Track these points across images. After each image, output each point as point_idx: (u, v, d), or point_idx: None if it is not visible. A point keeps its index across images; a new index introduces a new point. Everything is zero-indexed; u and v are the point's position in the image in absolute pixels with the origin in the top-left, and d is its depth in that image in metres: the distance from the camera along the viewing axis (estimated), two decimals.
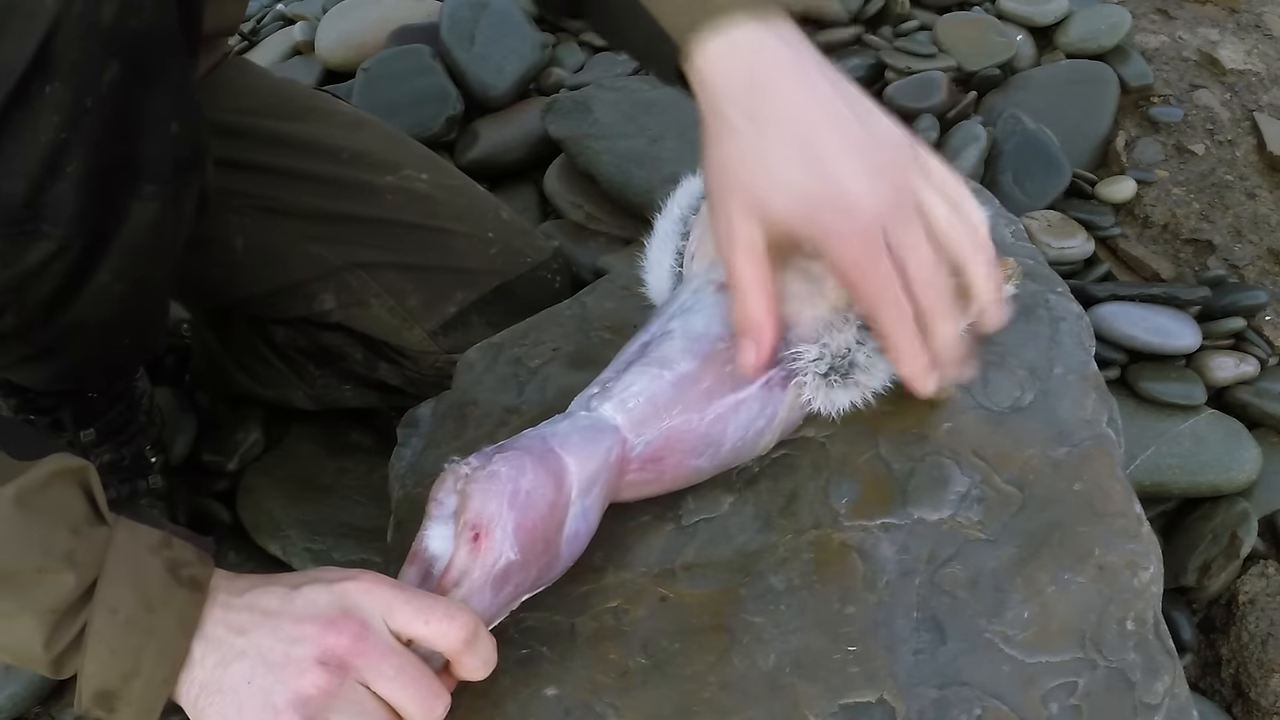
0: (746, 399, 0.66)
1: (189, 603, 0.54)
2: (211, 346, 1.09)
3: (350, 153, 0.97)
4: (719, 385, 0.65)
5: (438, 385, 0.90)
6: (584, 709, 0.61)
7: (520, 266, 0.99)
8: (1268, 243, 1.22)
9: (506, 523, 0.57)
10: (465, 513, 0.57)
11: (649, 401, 0.64)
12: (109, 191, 0.66)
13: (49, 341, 0.72)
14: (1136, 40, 1.39)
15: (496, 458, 0.59)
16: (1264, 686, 0.91)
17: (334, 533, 1.01)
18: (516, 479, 0.57)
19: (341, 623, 0.54)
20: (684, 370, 0.65)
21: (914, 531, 0.66)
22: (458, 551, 0.57)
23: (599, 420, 0.63)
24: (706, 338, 0.66)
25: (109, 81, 0.61)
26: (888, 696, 0.59)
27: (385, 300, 0.96)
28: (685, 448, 0.65)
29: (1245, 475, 1.02)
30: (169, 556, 0.55)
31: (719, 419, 0.65)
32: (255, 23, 1.68)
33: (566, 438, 0.61)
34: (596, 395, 0.65)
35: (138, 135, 0.65)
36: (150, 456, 1.00)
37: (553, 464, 0.59)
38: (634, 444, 0.63)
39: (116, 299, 0.71)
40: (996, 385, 0.72)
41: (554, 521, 0.59)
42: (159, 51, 0.63)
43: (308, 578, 0.57)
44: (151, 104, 0.64)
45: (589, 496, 0.61)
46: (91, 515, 0.55)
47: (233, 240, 0.94)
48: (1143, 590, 0.63)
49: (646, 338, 0.68)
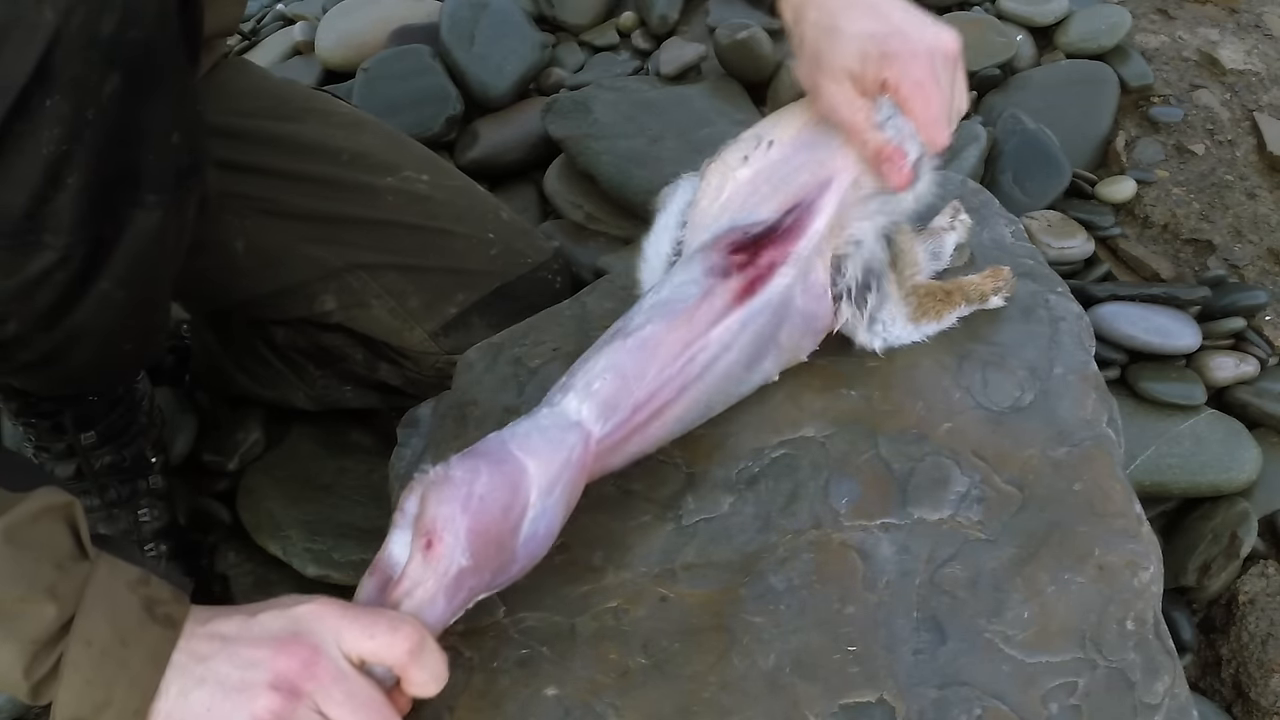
0: (718, 331, 0.66)
1: (161, 639, 0.56)
2: (212, 347, 1.09)
3: (350, 154, 0.97)
4: (691, 329, 0.65)
5: (438, 386, 0.89)
6: (584, 709, 0.61)
7: (521, 267, 0.99)
8: (1268, 243, 1.22)
9: (459, 528, 0.57)
10: (421, 519, 0.58)
11: (615, 376, 0.63)
12: (110, 201, 0.66)
13: (51, 348, 0.72)
14: (1136, 40, 1.39)
15: (453, 461, 0.59)
16: (1264, 686, 0.91)
17: (334, 533, 1.01)
18: (470, 483, 0.58)
19: (292, 646, 0.56)
20: (647, 333, 0.64)
21: (914, 531, 0.66)
22: (412, 559, 0.58)
23: (561, 417, 0.63)
24: (675, 300, 0.65)
25: (110, 93, 0.61)
26: (888, 696, 0.59)
27: (386, 301, 0.96)
28: (659, 404, 0.65)
29: (1245, 475, 1.02)
30: (146, 594, 0.57)
31: (690, 359, 0.65)
32: (255, 23, 1.68)
33: (527, 438, 0.61)
34: (560, 387, 0.64)
35: (139, 145, 0.65)
36: (151, 457, 1.00)
37: (509, 467, 0.59)
38: (601, 432, 0.63)
39: (118, 306, 0.71)
40: (996, 385, 0.72)
41: (508, 525, 0.59)
42: (160, 62, 0.63)
43: (266, 605, 0.59)
44: (153, 114, 0.64)
45: (550, 497, 0.61)
46: (75, 551, 0.57)
47: (233, 242, 0.94)
48: (1143, 590, 0.63)
49: (620, 324, 0.67)
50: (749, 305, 0.67)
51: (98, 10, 0.58)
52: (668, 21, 1.41)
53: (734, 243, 0.69)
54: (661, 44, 1.39)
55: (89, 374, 0.83)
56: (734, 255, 0.68)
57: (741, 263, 0.68)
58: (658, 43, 1.41)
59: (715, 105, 1.26)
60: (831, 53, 0.70)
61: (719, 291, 0.67)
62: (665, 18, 1.41)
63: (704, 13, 1.43)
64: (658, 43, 1.41)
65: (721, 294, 0.67)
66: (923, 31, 0.70)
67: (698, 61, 1.35)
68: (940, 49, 0.70)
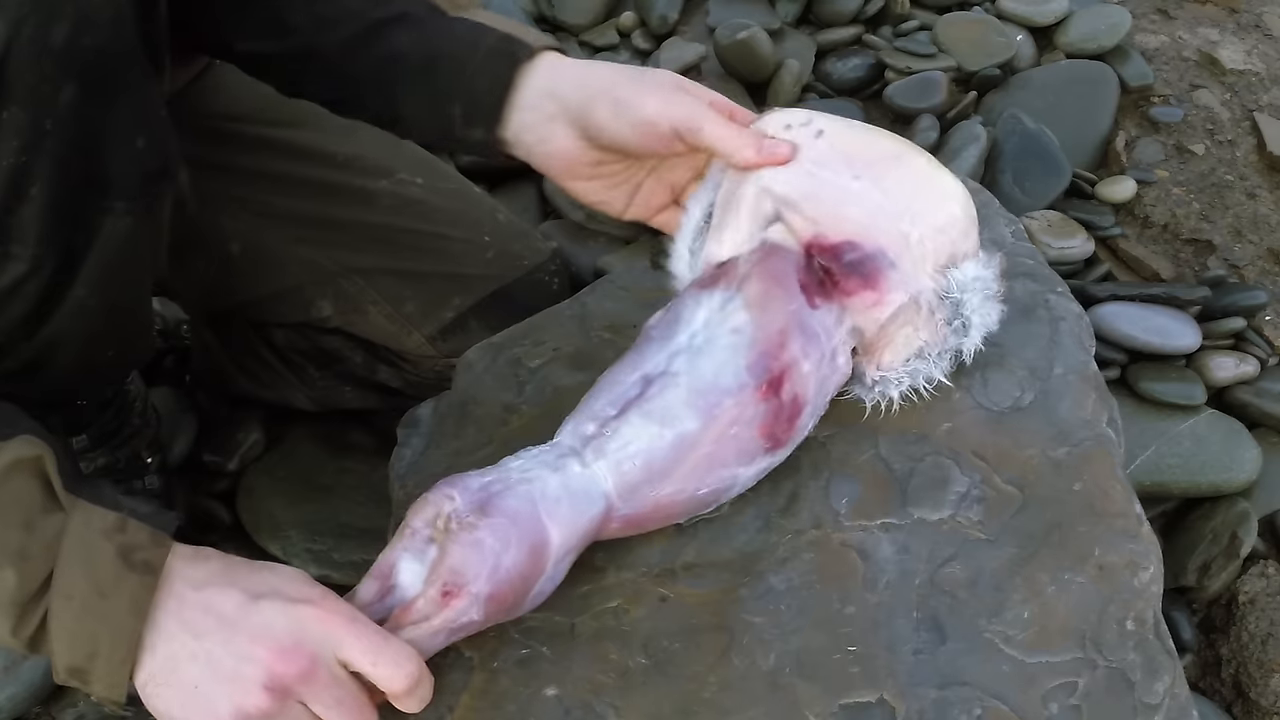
0: (747, 474, 0.66)
1: (140, 586, 0.56)
2: (211, 348, 1.09)
3: (344, 157, 0.97)
4: (720, 451, 0.64)
5: (438, 387, 0.89)
6: (584, 709, 0.61)
7: (517, 270, 0.99)
8: (1268, 243, 1.22)
9: (480, 592, 0.57)
10: (441, 565, 0.57)
11: (645, 466, 0.62)
12: (77, 210, 0.65)
13: (32, 356, 0.72)
14: (1136, 40, 1.39)
15: (484, 524, 0.58)
16: (1264, 686, 0.91)
17: (334, 533, 1.01)
18: (499, 554, 0.58)
19: (293, 654, 0.56)
20: (685, 430, 0.63)
21: (914, 531, 0.66)
22: (425, 594, 0.58)
23: (591, 485, 0.62)
24: (714, 390, 0.63)
25: (66, 103, 0.60)
26: (888, 696, 0.59)
27: (383, 307, 0.96)
28: (669, 514, 0.65)
29: (1245, 475, 1.02)
30: (122, 541, 0.57)
31: (713, 492, 0.65)
32: None
33: (556, 505, 0.60)
34: (593, 444, 0.63)
35: (102, 153, 0.64)
36: (146, 458, 0.99)
37: (537, 539, 0.59)
38: (619, 510, 0.63)
39: (95, 313, 0.71)
40: (996, 385, 0.72)
41: (525, 591, 0.60)
42: (117, 69, 0.63)
43: (267, 586, 0.58)
44: (114, 121, 0.64)
45: (562, 563, 0.61)
46: (47, 503, 0.57)
47: (228, 245, 0.94)
48: (1143, 590, 0.63)
49: (650, 368, 0.65)
50: (775, 456, 0.67)
51: (49, 20, 0.57)
52: (668, 21, 1.41)
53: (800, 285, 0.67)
54: (661, 44, 1.39)
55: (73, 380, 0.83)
56: (769, 383, 0.64)
57: (773, 382, 0.64)
58: (658, 43, 1.41)
59: None
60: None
61: (748, 408, 0.64)
62: (665, 18, 1.41)
63: (704, 13, 1.43)
64: (658, 43, 1.41)
65: (749, 416, 0.64)
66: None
67: (698, 62, 1.35)
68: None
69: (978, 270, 0.69)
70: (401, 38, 0.72)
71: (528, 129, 0.71)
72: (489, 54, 0.71)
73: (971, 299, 0.68)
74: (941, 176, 0.69)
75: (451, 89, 0.72)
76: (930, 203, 0.68)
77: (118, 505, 0.58)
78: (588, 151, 0.71)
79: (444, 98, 0.72)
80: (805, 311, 0.66)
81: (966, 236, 0.69)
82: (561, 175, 0.73)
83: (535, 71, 0.71)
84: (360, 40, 0.73)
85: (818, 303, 0.67)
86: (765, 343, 0.64)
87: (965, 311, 0.68)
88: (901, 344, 0.68)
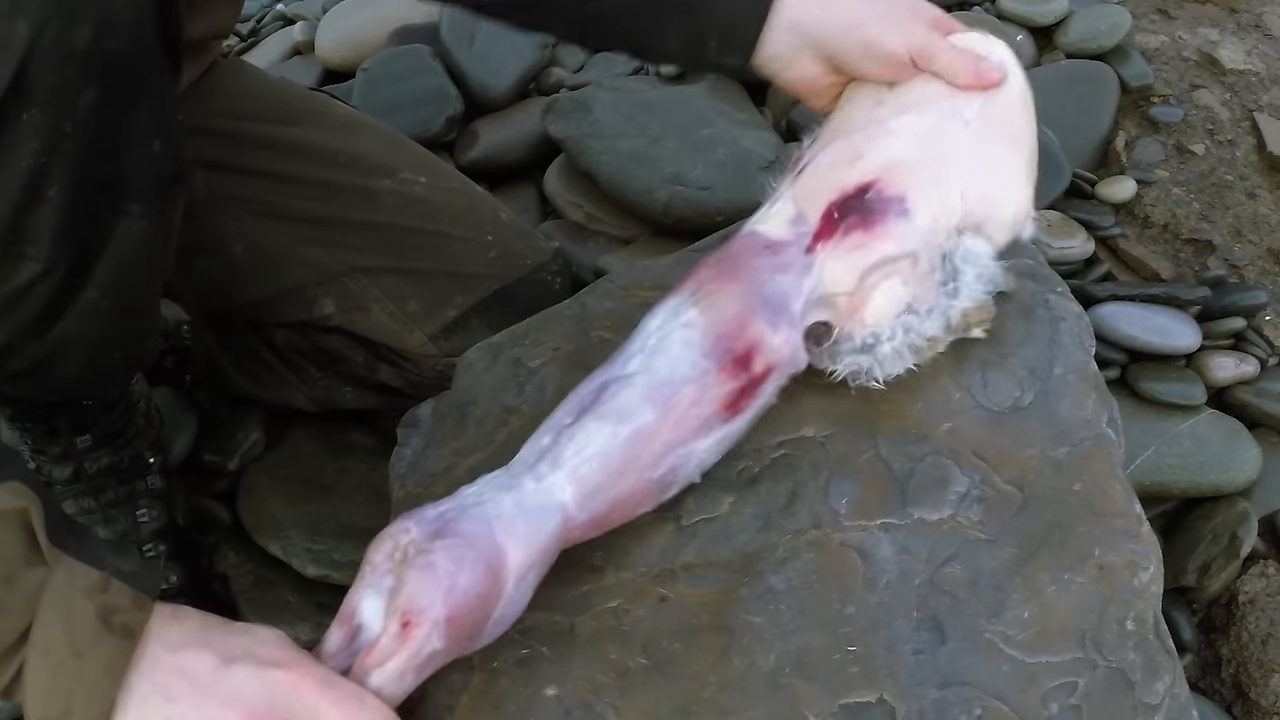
0: (704, 444, 0.65)
1: (118, 650, 0.55)
2: (212, 348, 1.09)
3: (347, 156, 0.97)
4: (678, 432, 0.64)
5: (438, 387, 0.89)
6: (584, 709, 0.61)
7: (519, 269, 0.99)
8: (1268, 243, 1.22)
9: (438, 617, 0.57)
10: (398, 596, 0.57)
11: (602, 466, 0.62)
12: (93, 212, 0.65)
13: (40, 357, 0.72)
14: (1136, 40, 1.39)
15: (438, 545, 0.58)
16: (1264, 686, 0.91)
17: (334, 533, 1.01)
18: (454, 575, 0.57)
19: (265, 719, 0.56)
20: (641, 423, 0.63)
21: (914, 531, 0.66)
22: (386, 632, 0.57)
23: (547, 499, 0.62)
24: (671, 382, 0.64)
25: (87, 105, 0.60)
26: (888, 696, 0.59)
27: (385, 305, 0.96)
28: (631, 505, 0.65)
29: (1245, 475, 1.02)
30: (103, 601, 0.56)
31: (670, 470, 0.65)
32: (255, 23, 1.68)
33: (511, 524, 0.60)
34: (549, 455, 0.63)
35: (119, 156, 0.65)
36: (149, 458, 1.00)
37: (493, 558, 0.59)
38: (578, 518, 0.63)
39: (105, 315, 0.71)
40: (996, 385, 0.72)
41: (484, 614, 0.59)
42: (138, 71, 0.63)
43: (241, 649, 0.58)
44: (133, 125, 0.64)
45: (524, 583, 0.61)
46: (29, 555, 0.56)
47: (231, 245, 0.94)
48: (1143, 590, 0.63)
49: (605, 377, 0.65)
50: (734, 424, 0.66)
51: (71, 22, 0.57)
52: None
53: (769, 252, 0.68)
54: None
55: (80, 381, 0.83)
56: (734, 361, 0.65)
57: (739, 360, 0.65)
58: None
59: (715, 105, 1.26)
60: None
61: (711, 389, 0.64)
62: None
63: None
64: None
65: (712, 395, 0.65)
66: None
67: None
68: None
69: (986, 254, 0.71)
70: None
71: (777, 58, 0.76)
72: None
73: (970, 270, 0.70)
74: (1026, 189, 0.75)
75: (709, 23, 0.76)
76: (999, 187, 0.73)
77: (101, 563, 0.57)
78: (830, 76, 0.77)
79: (700, 31, 0.76)
80: (766, 283, 0.67)
81: (996, 221, 0.72)
82: (805, 95, 0.80)
83: (785, 5, 0.75)
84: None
85: (816, 248, 0.69)
86: (720, 326, 0.65)
87: (959, 278, 0.70)
88: (883, 298, 0.68)
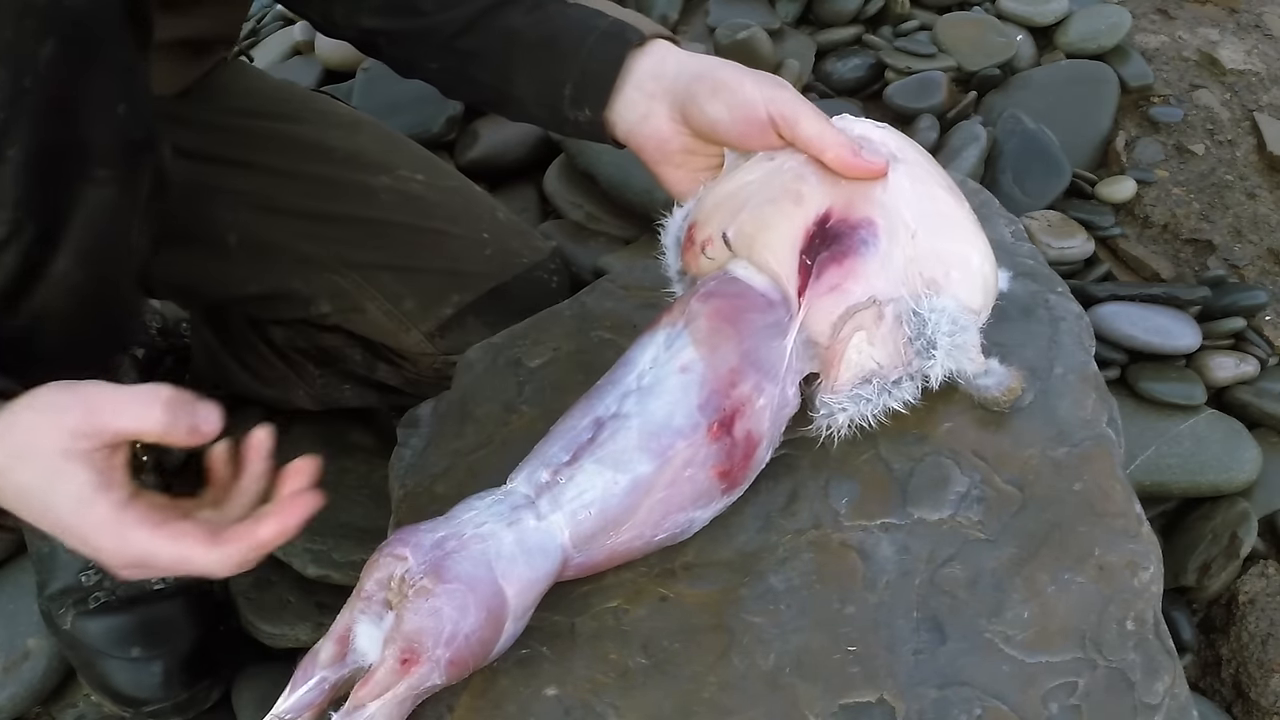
0: (704, 515, 0.65)
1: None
2: (211, 346, 1.09)
3: (345, 153, 0.97)
4: (675, 495, 0.63)
5: (437, 385, 0.89)
6: (584, 709, 0.61)
7: (516, 267, 0.99)
8: (1268, 243, 1.22)
9: (440, 659, 0.57)
10: (399, 631, 0.57)
11: (600, 514, 0.62)
12: (57, 175, 0.65)
13: (14, 333, 0.72)
14: (1136, 40, 1.39)
15: (440, 592, 0.57)
16: (1264, 686, 0.91)
17: (334, 533, 1.01)
18: (457, 622, 0.57)
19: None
20: (639, 474, 0.62)
21: (914, 531, 0.66)
22: (384, 664, 0.57)
23: (548, 540, 0.61)
24: (666, 432, 0.63)
25: (45, 60, 0.60)
26: (888, 696, 0.59)
27: (381, 304, 0.96)
28: (626, 558, 0.65)
29: (1245, 475, 1.02)
30: None
31: (670, 536, 0.65)
32: (255, 23, 1.68)
33: (512, 565, 0.59)
34: (548, 494, 0.62)
35: (80, 117, 0.64)
36: (141, 455, 0.99)
37: (494, 604, 0.59)
38: (575, 560, 0.62)
39: (79, 288, 0.70)
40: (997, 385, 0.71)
41: (483, 654, 0.59)
42: (97, 31, 0.63)
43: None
44: (94, 85, 0.64)
45: (520, 621, 0.61)
46: None
47: (226, 236, 0.94)
48: (1143, 590, 0.63)
49: (601, 411, 0.64)
50: (733, 495, 0.66)
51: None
52: (668, 21, 1.41)
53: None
54: None
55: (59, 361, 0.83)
56: (719, 423, 0.63)
57: (724, 422, 0.63)
58: None
59: None
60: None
61: (700, 449, 0.63)
62: (665, 18, 1.41)
63: (704, 12, 1.43)
64: None
65: (702, 456, 0.63)
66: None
67: None
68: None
69: (959, 311, 0.66)
70: (519, 17, 0.75)
71: (630, 106, 0.73)
72: (602, 37, 0.73)
73: (942, 325, 0.65)
74: (982, 241, 0.68)
75: (564, 69, 0.73)
76: (955, 240, 0.66)
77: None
78: (680, 135, 0.72)
79: (556, 77, 0.74)
80: (760, 344, 0.65)
81: (968, 287, 0.67)
82: (654, 158, 0.74)
83: (645, 56, 0.72)
84: (480, 17, 0.75)
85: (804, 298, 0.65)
86: (716, 381, 0.64)
87: (929, 333, 0.65)
88: (853, 358, 0.65)
